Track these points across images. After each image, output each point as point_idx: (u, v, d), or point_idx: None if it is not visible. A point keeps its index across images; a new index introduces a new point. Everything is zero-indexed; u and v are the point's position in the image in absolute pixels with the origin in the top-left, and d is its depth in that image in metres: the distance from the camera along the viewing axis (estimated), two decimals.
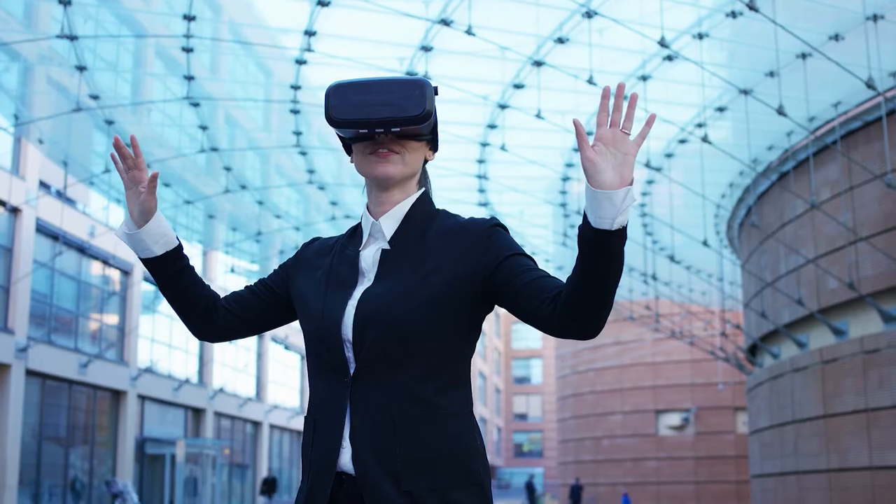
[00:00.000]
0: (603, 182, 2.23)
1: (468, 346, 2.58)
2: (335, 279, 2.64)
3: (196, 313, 2.82)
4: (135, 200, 2.72)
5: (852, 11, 15.98)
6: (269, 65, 26.72)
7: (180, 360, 35.54)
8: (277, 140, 28.32)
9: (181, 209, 28.80)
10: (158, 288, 2.83)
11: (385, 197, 2.66)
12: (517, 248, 2.53)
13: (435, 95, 2.59)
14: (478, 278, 2.50)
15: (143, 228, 2.72)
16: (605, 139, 2.26)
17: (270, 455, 44.33)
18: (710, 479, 43.95)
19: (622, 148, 2.26)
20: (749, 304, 25.89)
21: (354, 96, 2.57)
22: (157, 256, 2.75)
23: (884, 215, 18.24)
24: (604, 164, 2.24)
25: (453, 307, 2.50)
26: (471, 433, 2.53)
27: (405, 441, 2.44)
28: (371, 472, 2.44)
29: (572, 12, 17.07)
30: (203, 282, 2.83)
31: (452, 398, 2.52)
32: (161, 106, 26.39)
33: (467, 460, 2.49)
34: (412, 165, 2.66)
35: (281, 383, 46.68)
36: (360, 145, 2.65)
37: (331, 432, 2.52)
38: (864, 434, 18.34)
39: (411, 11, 17.35)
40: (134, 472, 30.56)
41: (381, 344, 2.47)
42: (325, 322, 2.56)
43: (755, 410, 25.61)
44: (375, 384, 2.48)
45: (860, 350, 18.55)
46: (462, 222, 2.61)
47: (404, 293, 2.50)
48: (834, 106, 18.84)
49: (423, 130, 2.61)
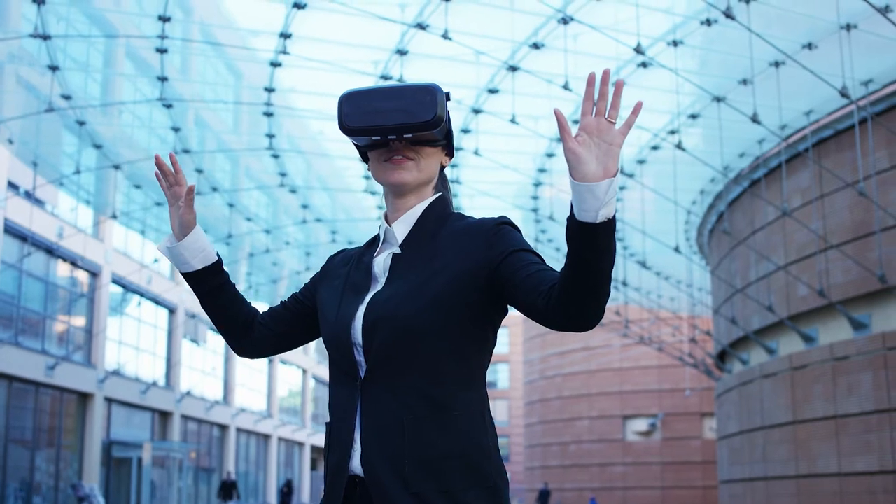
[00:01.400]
0: (586, 174, 2.16)
1: (479, 345, 2.56)
2: (351, 286, 2.66)
3: (235, 329, 2.87)
4: (176, 215, 2.79)
5: (826, 20, 16.10)
6: (239, 67, 26.61)
7: (147, 363, 35.33)
8: (248, 142, 28.23)
9: (151, 211, 28.62)
10: (200, 303, 2.88)
11: (400, 203, 2.67)
12: (522, 245, 2.50)
13: (447, 101, 2.59)
14: (482, 275, 2.48)
15: (182, 242, 2.79)
16: (590, 128, 2.19)
17: (237, 458, 44.14)
18: (676, 484, 44.11)
19: (607, 138, 2.18)
20: (719, 311, 26.02)
21: (366, 104, 2.58)
22: (196, 271, 2.81)
23: (854, 223, 18.37)
24: (587, 156, 2.17)
25: (459, 306, 2.48)
26: (482, 434, 2.50)
27: (413, 442, 2.43)
28: (380, 474, 2.43)
29: (548, 18, 17.10)
30: (243, 298, 2.89)
31: (463, 399, 2.50)
32: (131, 107, 26.24)
33: (478, 462, 2.46)
34: (427, 171, 2.66)
35: (248, 387, 46.53)
36: (375, 153, 2.66)
37: (343, 436, 2.53)
38: (832, 440, 18.45)
39: (387, 15, 17.33)
40: (100, 475, 30.32)
41: (389, 346, 2.47)
42: (337, 327, 2.58)
43: (724, 416, 25.72)
44: (385, 386, 2.48)
45: (830, 357, 18.67)
46: (471, 222, 2.60)
47: (410, 294, 2.49)
48: (806, 114, 18.97)
49: (436, 136, 2.61)
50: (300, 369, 54.20)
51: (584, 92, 2.22)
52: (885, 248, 17.36)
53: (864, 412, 17.66)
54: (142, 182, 26.45)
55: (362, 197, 27.77)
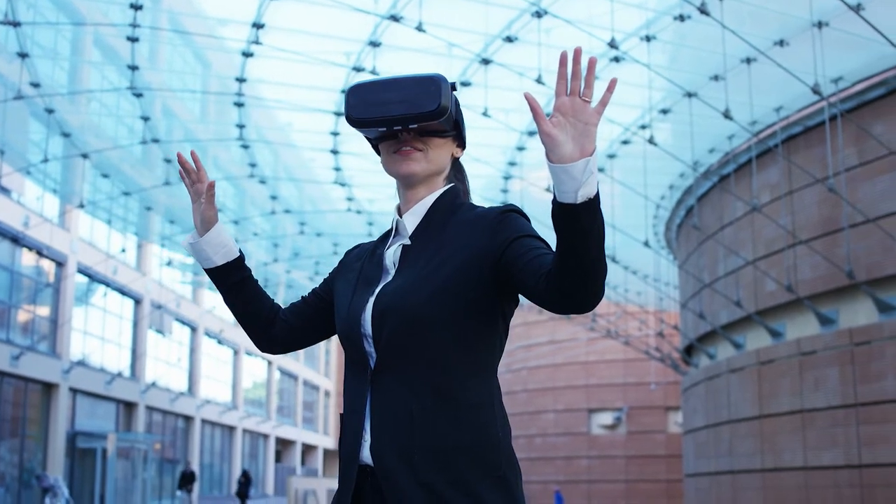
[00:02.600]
0: (562, 155, 2.14)
1: (489, 335, 2.55)
2: (363, 279, 2.67)
3: (257, 325, 2.90)
4: (198, 212, 2.83)
5: (798, 18, 16.19)
6: (207, 56, 26.46)
7: (113, 354, 35.07)
8: (215, 132, 28.08)
9: (118, 201, 28.44)
10: (223, 298, 2.90)
11: (411, 194, 2.68)
12: (527, 231, 2.48)
13: (453, 91, 2.59)
14: (488, 263, 2.47)
15: (203, 238, 2.83)
16: (564, 108, 2.15)
17: (202, 450, 43.95)
18: (640, 477, 44.33)
19: (582, 117, 2.14)
20: (686, 305, 26.16)
21: (371, 95, 2.59)
22: (218, 266, 2.85)
23: (823, 219, 18.51)
24: (562, 137, 2.14)
25: (466, 294, 2.48)
26: (492, 425, 2.50)
27: (422, 432, 2.43)
28: (389, 464, 2.43)
29: (522, 11, 17.11)
30: (265, 294, 2.91)
31: (472, 388, 2.49)
32: (99, 95, 26.04)
33: (487, 452, 2.46)
34: (436, 162, 2.66)
35: (213, 378, 46.32)
36: (384, 145, 2.67)
37: (355, 426, 2.53)
38: (798, 434, 18.61)
39: (361, 6, 17.28)
40: (65, 466, 30.10)
41: (398, 336, 2.47)
42: (349, 319, 2.59)
43: (690, 410, 25.88)
44: (395, 377, 2.48)
45: (797, 352, 18.82)
46: (480, 211, 2.59)
47: (417, 284, 2.49)
48: (776, 110, 19.08)
49: (444, 126, 2.61)
50: (265, 361, 54.00)
51: (558, 72, 2.18)
52: (853, 245, 17.50)
53: (830, 407, 17.82)
54: (109, 171, 26.27)
55: (330, 188, 27.68)
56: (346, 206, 27.87)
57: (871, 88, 17.56)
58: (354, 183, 26.20)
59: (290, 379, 59.22)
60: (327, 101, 21.15)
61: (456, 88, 2.61)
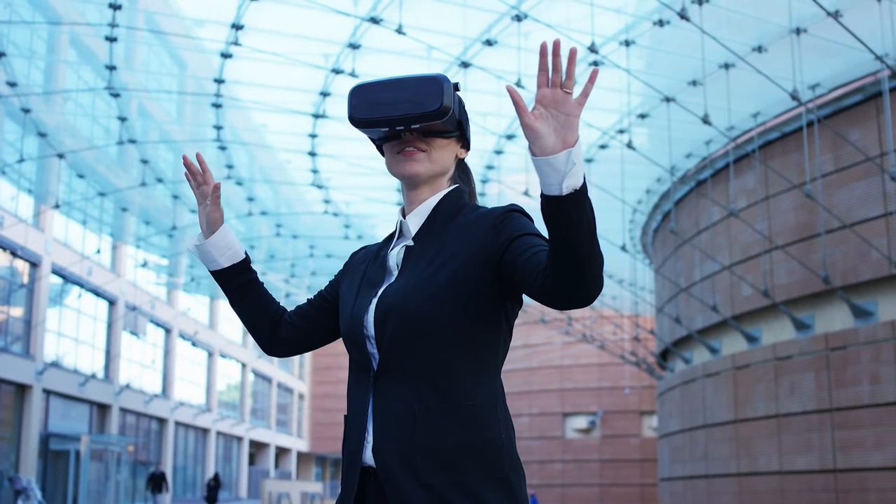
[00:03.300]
0: (545, 147, 2.14)
1: (492, 336, 2.54)
2: (367, 280, 2.66)
3: (263, 327, 2.88)
4: (204, 214, 2.83)
5: (777, 24, 16.27)
6: (183, 56, 26.35)
7: (87, 355, 34.89)
8: (191, 133, 27.98)
9: (93, 202, 28.29)
10: (229, 301, 2.90)
11: (414, 195, 2.67)
12: (529, 229, 2.48)
13: (456, 91, 2.58)
14: (490, 263, 2.47)
15: (209, 240, 2.83)
16: (546, 100, 2.16)
17: (175, 452, 43.77)
18: (614, 482, 44.43)
19: (564, 109, 2.15)
20: (662, 309, 26.22)
21: (373, 96, 2.58)
22: (224, 268, 2.85)
23: (799, 225, 18.60)
24: (545, 129, 2.15)
25: (468, 295, 2.47)
26: (495, 426, 2.49)
27: (424, 433, 2.42)
28: (391, 465, 2.43)
29: (502, 15, 17.12)
30: (271, 296, 2.89)
31: (475, 389, 2.49)
32: (74, 95, 25.90)
33: (489, 453, 2.45)
34: (440, 163, 2.65)
35: (187, 380, 46.15)
36: (388, 145, 2.67)
37: (357, 427, 2.53)
38: (774, 439, 18.68)
39: (341, 8, 17.26)
40: (37, 467, 29.91)
41: (400, 337, 2.46)
42: (352, 321, 2.58)
43: (665, 414, 25.94)
44: (397, 378, 2.48)
45: (772, 357, 18.89)
46: (483, 211, 2.59)
47: (419, 285, 2.49)
48: (753, 116, 19.16)
49: (447, 127, 2.60)
50: (239, 363, 53.87)
51: (538, 64, 2.18)
52: (829, 250, 17.59)
53: (805, 411, 17.89)
54: (85, 172, 26.12)
55: (305, 190, 27.62)
56: (323, 209, 27.81)
57: (848, 95, 17.65)
58: (331, 185, 26.16)
59: (264, 381, 59.06)
60: (306, 103, 21.10)
61: (459, 89, 2.60)
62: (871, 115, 17.21)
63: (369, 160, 23.72)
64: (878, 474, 16.30)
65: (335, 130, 22.17)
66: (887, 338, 16.33)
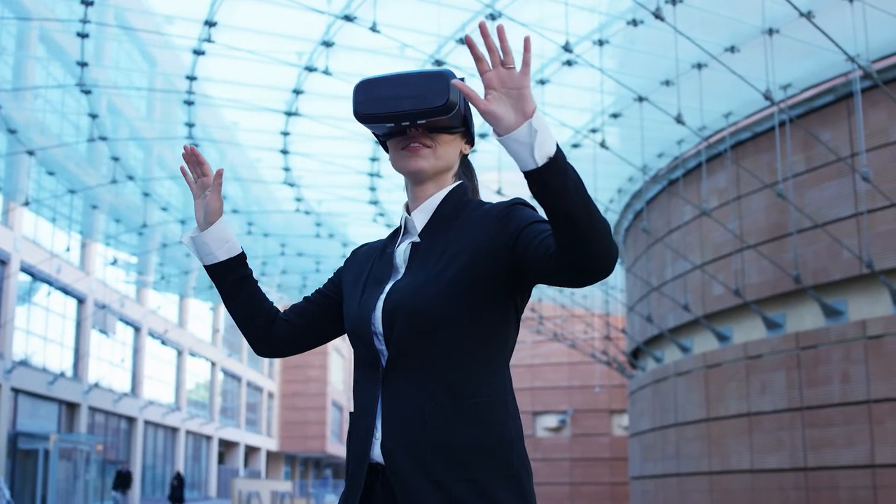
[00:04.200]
0: (508, 126, 2.17)
1: (501, 330, 2.55)
2: (373, 277, 2.65)
3: (258, 325, 2.83)
4: (202, 206, 2.78)
5: (750, 25, 16.35)
6: (153, 53, 26.19)
7: (55, 354, 34.66)
8: (161, 130, 27.83)
9: (63, 199, 28.09)
10: (222, 298, 2.84)
11: (419, 192, 2.66)
12: (536, 218, 2.48)
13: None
14: (500, 256, 2.46)
15: (207, 231, 2.77)
16: (493, 83, 2.19)
17: (144, 451, 43.56)
18: (584, 480, 44.53)
19: (513, 84, 2.18)
20: (634, 308, 26.31)
21: (379, 91, 2.57)
22: (221, 262, 2.78)
23: (770, 224, 18.70)
24: (502, 110, 2.18)
25: (477, 290, 2.47)
26: (505, 422, 2.49)
27: (435, 430, 2.41)
28: (400, 461, 2.42)
29: (476, 13, 17.12)
30: (264, 294, 2.84)
31: (485, 385, 2.48)
32: (43, 92, 25.71)
33: (499, 450, 2.44)
34: (445, 159, 2.64)
35: (157, 379, 45.93)
36: (393, 141, 2.65)
37: (365, 424, 2.52)
38: (745, 437, 18.78)
39: (315, 6, 17.20)
40: (6, 467, 29.67)
41: (409, 333, 2.46)
42: (359, 318, 2.57)
43: (636, 413, 26.03)
44: (406, 374, 2.47)
45: (743, 356, 18.99)
46: (487, 207, 2.60)
47: (427, 281, 2.48)
48: (725, 116, 19.24)
49: (452, 123, 2.60)
50: (209, 362, 53.65)
51: (472, 54, 2.21)
52: (801, 250, 17.69)
53: (776, 410, 18.00)
54: (55, 169, 25.93)
55: (276, 188, 27.53)
56: (295, 207, 27.73)
57: (820, 95, 17.76)
58: (303, 183, 26.09)
59: (233, 380, 58.85)
60: (278, 101, 21.03)
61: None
62: (843, 115, 17.33)
63: (342, 158, 23.71)
64: (848, 472, 16.41)
65: (308, 128, 22.11)
66: (857, 337, 16.45)
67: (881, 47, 15.98)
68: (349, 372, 75.48)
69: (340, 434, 72.15)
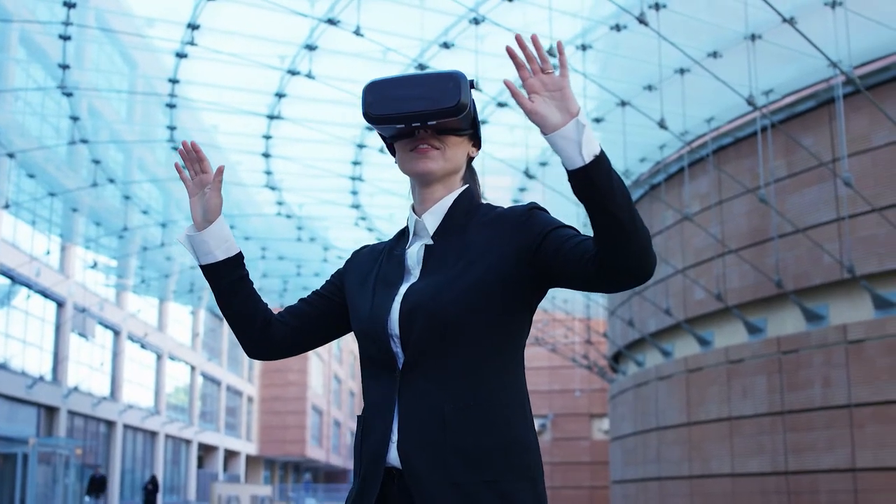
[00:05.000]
0: (555, 125, 2.25)
1: (518, 334, 2.56)
2: (383, 279, 2.63)
3: (253, 327, 2.77)
4: (199, 204, 2.73)
5: (732, 30, 16.40)
6: (134, 56, 26.10)
7: (34, 357, 34.47)
8: (141, 133, 27.73)
9: (42, 202, 27.95)
10: (217, 299, 2.77)
11: (427, 194, 2.64)
12: (559, 223, 2.50)
13: (472, 89, 2.58)
14: (523, 259, 2.47)
15: (208, 230, 2.73)
16: (536, 88, 2.28)
17: (124, 456, 43.37)
18: (564, 484, 44.58)
19: (554, 86, 2.27)
20: (615, 312, 26.35)
21: (389, 92, 2.56)
22: (219, 262, 2.73)
23: (751, 229, 18.76)
24: (547, 110, 2.26)
25: (497, 294, 2.48)
26: (524, 424, 2.50)
27: (455, 432, 2.41)
28: (419, 464, 2.41)
29: (459, 17, 17.13)
30: (259, 295, 2.80)
31: (504, 388, 2.49)
32: (23, 94, 25.58)
33: (520, 452, 2.45)
34: (453, 161, 2.63)
35: (136, 383, 45.74)
36: (400, 143, 2.64)
37: (381, 428, 2.50)
38: (726, 442, 18.82)
39: (298, 9, 17.18)
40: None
41: (427, 336, 2.45)
42: (372, 320, 2.55)
43: (617, 417, 26.06)
44: (424, 377, 2.46)
45: (725, 360, 19.03)
46: (502, 211, 2.60)
47: (446, 284, 2.48)
48: (707, 121, 19.30)
49: (461, 124, 2.59)
50: (188, 366, 53.46)
51: (514, 63, 2.30)
52: (782, 254, 17.76)
53: (757, 414, 18.05)
54: (35, 171, 25.81)
55: (256, 192, 27.47)
56: (276, 210, 27.68)
57: (802, 101, 17.84)
58: (285, 187, 26.04)
59: (213, 384, 58.66)
60: (260, 104, 20.99)
61: (475, 86, 2.59)
62: (825, 120, 17.40)
63: (324, 162, 23.67)
64: (829, 476, 16.46)
65: (290, 132, 22.08)
66: (838, 341, 16.51)
67: (863, 53, 16.06)
68: (329, 376, 75.36)
69: (320, 438, 72.04)
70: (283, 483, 73.64)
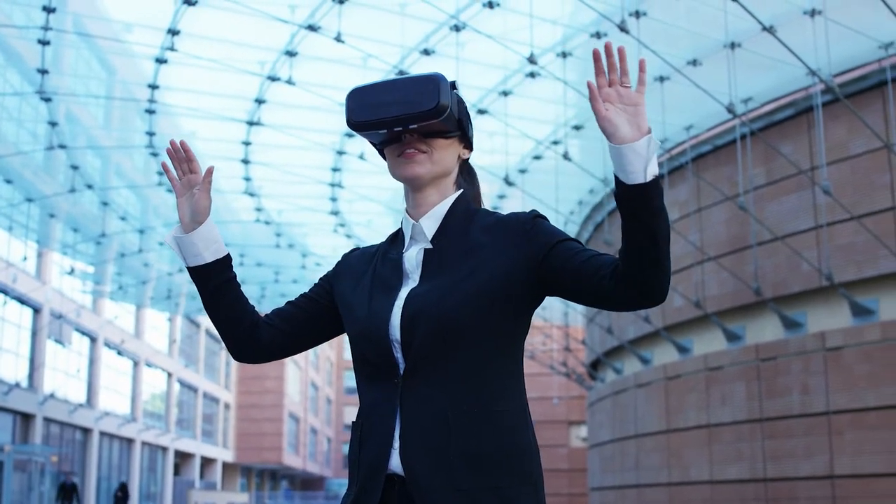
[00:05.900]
0: (624, 137, 2.26)
1: (519, 339, 2.55)
2: (380, 282, 2.60)
3: (240, 330, 2.72)
4: (187, 205, 2.70)
5: (712, 38, 16.47)
6: (112, 61, 26.01)
7: (10, 364, 34.26)
8: (119, 139, 27.62)
9: (19, 208, 27.79)
10: (204, 301, 2.72)
11: (421, 198, 2.63)
12: (564, 235, 2.51)
13: (453, 90, 2.57)
14: (528, 267, 2.47)
15: (197, 231, 2.69)
16: (612, 98, 2.31)
17: (100, 463, 43.13)
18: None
19: (630, 101, 2.30)
20: (594, 319, 26.38)
21: (369, 98, 2.56)
22: (207, 264, 2.69)
23: (730, 237, 18.83)
24: (620, 120, 2.28)
25: (500, 300, 2.46)
26: (526, 429, 2.50)
27: (459, 437, 2.39)
28: (420, 471, 2.39)
29: (440, 24, 17.14)
30: (246, 297, 2.76)
31: (506, 393, 2.48)
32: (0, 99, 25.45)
33: (523, 458, 2.45)
34: (441, 164, 2.61)
35: (113, 389, 45.50)
36: (389, 149, 2.64)
37: (381, 433, 2.47)
38: (705, 449, 18.87)
39: (279, 15, 17.15)
40: None
41: (430, 341, 2.43)
42: (372, 324, 2.52)
43: (596, 424, 26.10)
44: (426, 382, 2.44)
45: (703, 367, 19.09)
46: (503, 217, 2.59)
47: (450, 289, 2.46)
48: (686, 129, 19.37)
49: (446, 126, 2.57)
50: (165, 373, 53.23)
51: (594, 67, 2.33)
52: (761, 262, 17.82)
53: (736, 421, 18.10)
54: (12, 177, 25.67)
55: (233, 198, 27.38)
56: (255, 217, 27.61)
57: (780, 109, 17.93)
58: (264, 193, 25.98)
59: (189, 391, 58.44)
60: (240, 110, 20.94)
61: (456, 87, 2.59)
62: (803, 128, 17.49)
63: (303, 168, 23.63)
64: (807, 483, 16.53)
65: (269, 138, 22.03)
66: (817, 349, 16.59)
67: (842, 62, 16.14)
68: (306, 383, 75.18)
69: (297, 445, 71.84)
70: (260, 490, 73.42)
